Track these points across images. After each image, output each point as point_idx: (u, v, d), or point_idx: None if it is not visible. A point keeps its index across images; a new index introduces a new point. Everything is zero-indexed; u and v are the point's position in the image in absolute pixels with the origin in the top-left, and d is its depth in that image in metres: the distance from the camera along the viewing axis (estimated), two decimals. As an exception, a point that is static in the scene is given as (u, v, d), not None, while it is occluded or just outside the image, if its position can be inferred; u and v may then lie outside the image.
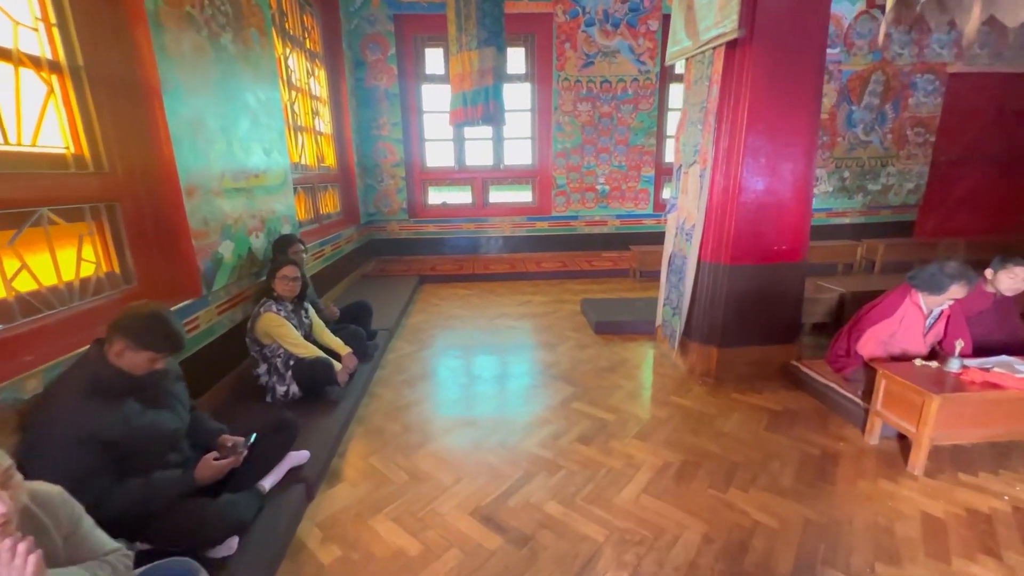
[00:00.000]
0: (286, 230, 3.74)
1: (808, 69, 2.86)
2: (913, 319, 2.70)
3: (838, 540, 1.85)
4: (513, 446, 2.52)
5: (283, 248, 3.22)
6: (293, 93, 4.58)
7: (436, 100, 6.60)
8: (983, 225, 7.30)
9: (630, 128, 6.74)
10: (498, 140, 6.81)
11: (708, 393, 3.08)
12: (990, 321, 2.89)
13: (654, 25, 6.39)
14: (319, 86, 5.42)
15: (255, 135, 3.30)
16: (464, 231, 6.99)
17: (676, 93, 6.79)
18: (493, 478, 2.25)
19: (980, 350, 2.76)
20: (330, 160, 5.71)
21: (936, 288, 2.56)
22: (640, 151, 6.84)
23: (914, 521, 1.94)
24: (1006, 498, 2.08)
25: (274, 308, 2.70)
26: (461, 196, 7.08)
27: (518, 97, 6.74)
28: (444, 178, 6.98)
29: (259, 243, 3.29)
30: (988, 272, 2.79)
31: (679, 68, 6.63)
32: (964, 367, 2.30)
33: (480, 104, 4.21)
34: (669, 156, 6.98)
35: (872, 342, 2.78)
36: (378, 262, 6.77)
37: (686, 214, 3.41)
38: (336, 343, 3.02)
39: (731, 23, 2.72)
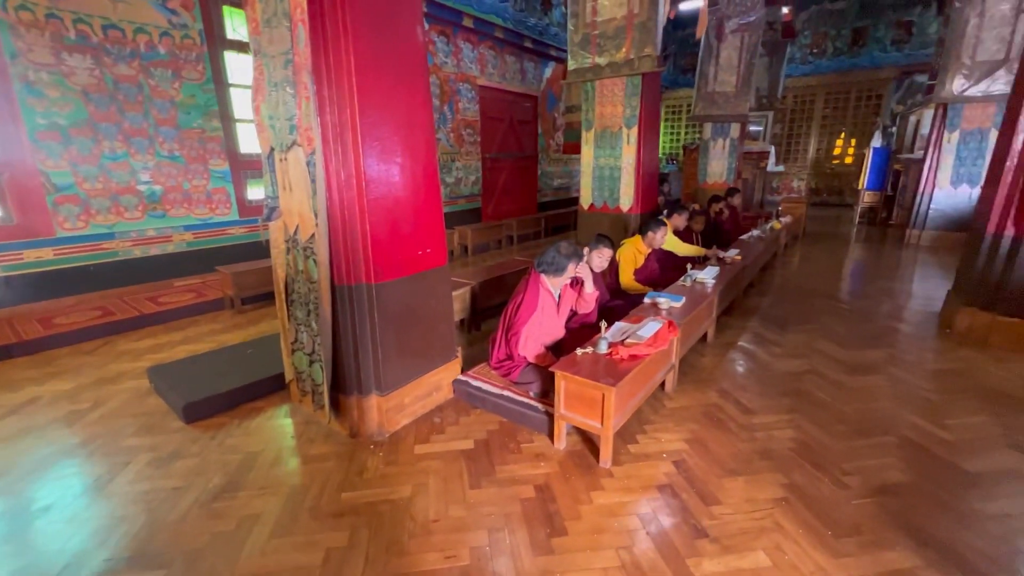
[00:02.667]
0: None
1: (411, 20, 2.32)
2: (549, 303, 2.75)
3: (614, 625, 1.45)
4: None
5: None
6: None
7: None
8: (518, 208, 9.59)
9: (176, 104, 4.80)
10: None
11: (387, 462, 2.26)
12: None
13: (179, -39, 4.63)
14: None
15: None
16: None
17: (236, 65, 5.30)
18: None
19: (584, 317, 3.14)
20: None
21: (558, 269, 2.65)
22: (201, 136, 5.02)
23: (641, 535, 1.79)
24: (665, 455, 2.28)
25: None
26: None
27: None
28: None
29: None
30: (585, 251, 3.16)
31: (233, 32, 5.16)
32: (610, 345, 2.41)
33: None
34: (247, 146, 5.47)
35: (530, 341, 2.67)
36: None
37: (298, 219, 2.36)
38: None
39: (307, -71, 1.80)
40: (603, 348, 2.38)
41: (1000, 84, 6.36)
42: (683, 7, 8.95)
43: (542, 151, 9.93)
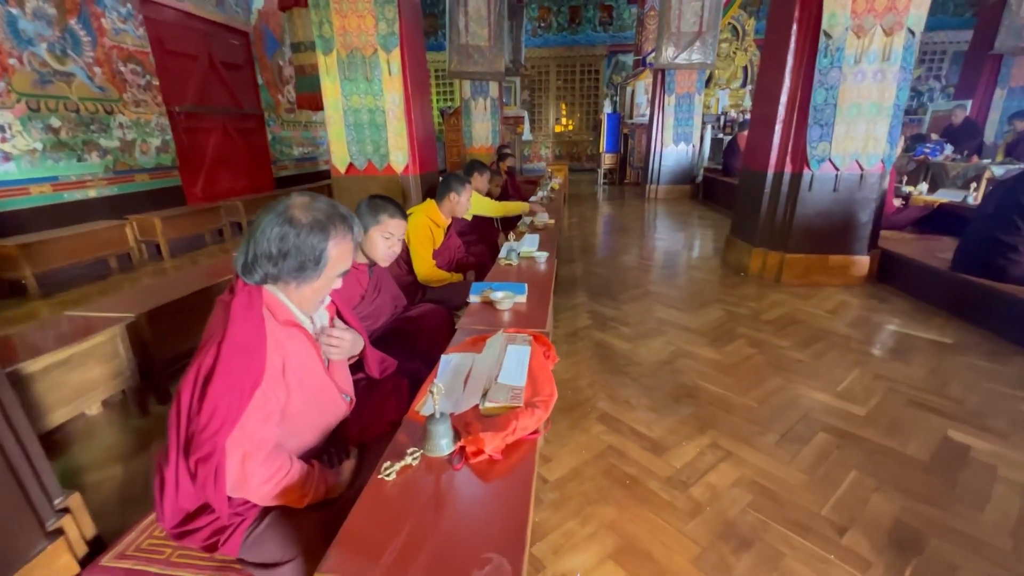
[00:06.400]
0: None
1: None
2: (301, 350, 1.18)
3: None
4: None
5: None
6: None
7: None
8: (245, 185, 7.02)
9: None
10: None
11: None
12: (379, 304, 1.90)
13: None
14: None
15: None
16: None
17: None
18: None
19: (378, 343, 1.72)
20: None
21: (308, 262, 1.06)
22: None
23: None
24: (599, 623, 1.13)
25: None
26: None
27: None
28: None
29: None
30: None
31: None
32: (457, 428, 1.08)
33: None
34: None
35: (260, 461, 1.03)
36: None
37: None
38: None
39: None
40: (444, 446, 1.03)
41: (697, 55, 7.29)
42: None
43: (270, 109, 7.50)
